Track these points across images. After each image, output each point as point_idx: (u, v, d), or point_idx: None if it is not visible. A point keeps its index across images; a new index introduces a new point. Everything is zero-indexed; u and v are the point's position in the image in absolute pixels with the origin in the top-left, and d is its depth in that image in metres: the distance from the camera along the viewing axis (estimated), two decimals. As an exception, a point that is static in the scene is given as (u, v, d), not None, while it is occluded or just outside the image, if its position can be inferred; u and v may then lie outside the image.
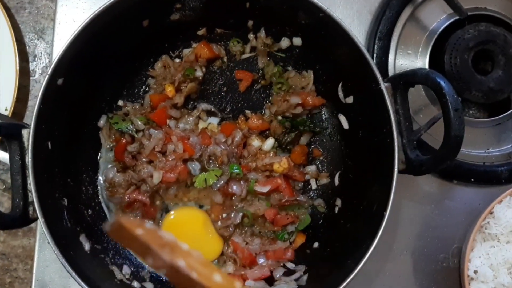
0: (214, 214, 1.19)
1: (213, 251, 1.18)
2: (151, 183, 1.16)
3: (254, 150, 1.18)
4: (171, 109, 1.20)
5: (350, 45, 1.03)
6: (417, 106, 1.24)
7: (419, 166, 1.01)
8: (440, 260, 1.22)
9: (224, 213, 1.18)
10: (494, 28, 1.23)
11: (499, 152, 1.26)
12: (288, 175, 1.18)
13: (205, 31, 1.21)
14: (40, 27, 1.40)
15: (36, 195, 0.98)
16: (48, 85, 1.01)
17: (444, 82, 0.95)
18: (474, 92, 1.21)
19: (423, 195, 1.24)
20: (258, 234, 1.18)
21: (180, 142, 1.17)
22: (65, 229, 1.06)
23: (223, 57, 1.23)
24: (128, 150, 1.17)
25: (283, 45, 1.20)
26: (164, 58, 1.22)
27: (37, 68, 1.39)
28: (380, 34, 1.24)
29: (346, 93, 1.14)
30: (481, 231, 1.14)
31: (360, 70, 1.04)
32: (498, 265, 1.12)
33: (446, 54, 1.23)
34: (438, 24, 1.27)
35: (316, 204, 1.21)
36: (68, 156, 1.12)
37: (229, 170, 1.16)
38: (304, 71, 1.21)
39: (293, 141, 1.20)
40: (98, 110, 1.20)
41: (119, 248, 1.17)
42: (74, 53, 1.02)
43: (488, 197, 1.20)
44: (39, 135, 1.01)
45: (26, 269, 1.34)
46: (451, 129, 0.93)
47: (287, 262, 1.16)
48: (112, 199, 1.18)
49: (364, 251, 0.98)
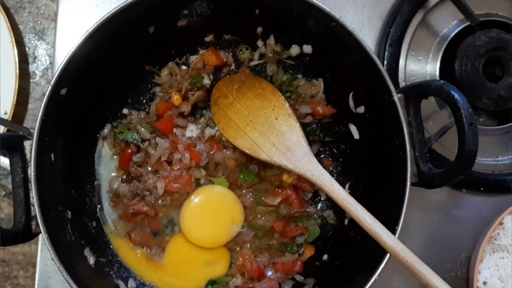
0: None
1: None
2: (156, 194, 1.14)
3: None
4: (178, 117, 1.18)
5: (363, 55, 1.01)
6: (426, 113, 1.23)
7: (432, 180, 1.00)
8: (448, 270, 1.22)
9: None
10: (505, 34, 1.22)
11: (509, 160, 1.25)
12: (298, 186, 1.17)
13: (213, 37, 1.19)
14: (41, 28, 1.36)
15: (39, 210, 0.95)
16: (51, 95, 0.98)
17: (458, 95, 0.93)
18: (485, 99, 1.21)
19: (431, 204, 1.23)
20: (267, 246, 1.17)
21: (187, 152, 1.15)
22: (69, 243, 1.04)
23: (231, 64, 1.21)
24: (133, 160, 1.15)
25: (293, 53, 1.18)
26: (170, 65, 1.19)
27: (37, 70, 1.35)
28: (390, 40, 1.22)
29: (357, 102, 1.12)
30: (491, 242, 1.14)
31: (372, 80, 1.02)
32: (507, 276, 1.12)
33: (457, 61, 1.22)
34: (449, 30, 1.25)
35: (325, 215, 1.19)
36: (71, 167, 1.10)
37: (242, 178, 1.15)
38: (314, 79, 1.19)
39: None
40: (102, 118, 1.17)
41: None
42: (77, 62, 0.99)
43: (497, 206, 1.20)
44: (42, 147, 0.98)
45: (27, 276, 1.32)
46: (465, 143, 0.92)
47: (295, 275, 1.15)
48: (116, 209, 1.16)
49: (375, 266, 0.97)
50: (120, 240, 1.15)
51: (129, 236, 1.15)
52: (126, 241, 1.15)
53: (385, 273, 1.17)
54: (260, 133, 1.10)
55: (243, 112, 1.12)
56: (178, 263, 1.15)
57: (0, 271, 1.32)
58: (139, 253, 1.15)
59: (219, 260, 1.16)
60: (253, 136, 1.10)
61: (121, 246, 1.15)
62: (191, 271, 1.15)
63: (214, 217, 1.16)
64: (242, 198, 1.16)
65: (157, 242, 1.16)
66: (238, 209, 1.16)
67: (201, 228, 1.16)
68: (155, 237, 1.17)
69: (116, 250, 1.15)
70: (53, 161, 1.02)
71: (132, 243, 1.15)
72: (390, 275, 1.21)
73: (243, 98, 1.13)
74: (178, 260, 1.15)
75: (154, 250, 1.15)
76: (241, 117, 1.12)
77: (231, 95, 1.14)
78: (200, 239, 1.16)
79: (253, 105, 1.12)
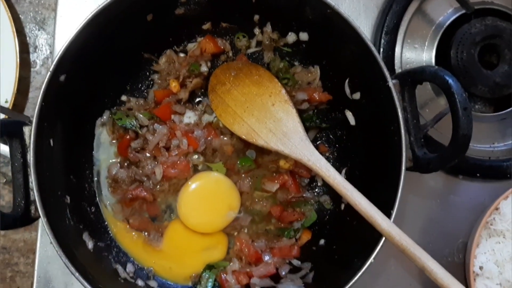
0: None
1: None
2: (154, 179, 1.15)
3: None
4: (176, 104, 1.19)
5: (358, 42, 1.02)
6: (422, 100, 1.24)
7: (427, 165, 1.01)
8: (445, 255, 1.22)
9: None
10: (501, 22, 1.22)
11: (505, 147, 1.25)
12: (294, 172, 1.18)
13: (210, 25, 1.19)
14: (41, 18, 1.37)
15: (38, 194, 0.96)
16: (50, 81, 0.98)
17: (453, 80, 0.94)
18: (480, 86, 1.21)
19: (428, 190, 1.24)
20: (264, 231, 1.18)
21: (185, 138, 1.16)
22: (68, 228, 1.05)
23: (228, 52, 1.21)
24: (132, 146, 1.16)
25: (290, 40, 1.18)
26: (168, 53, 1.20)
27: (38, 59, 1.37)
28: (387, 28, 1.23)
29: (353, 89, 1.12)
30: (487, 227, 1.14)
31: (367, 66, 1.03)
32: (503, 261, 1.12)
33: (453, 49, 1.22)
34: (445, 18, 1.26)
35: (322, 200, 1.20)
36: (70, 153, 1.11)
37: (239, 164, 1.16)
38: (311, 66, 1.20)
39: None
40: (101, 105, 1.18)
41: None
42: (76, 48, 1.00)
43: (494, 192, 1.20)
44: (41, 133, 0.99)
45: (27, 263, 1.34)
46: (459, 128, 0.92)
47: (293, 260, 1.15)
48: (114, 195, 1.17)
49: (371, 249, 0.98)
50: (118, 225, 1.16)
51: (127, 221, 1.16)
52: (125, 226, 1.16)
53: (382, 258, 1.19)
54: (257, 119, 1.11)
55: (240, 99, 1.13)
56: (176, 248, 1.16)
57: (1, 258, 1.33)
58: (135, 235, 1.16)
59: (217, 245, 1.17)
60: (250, 122, 1.11)
61: (120, 231, 1.16)
62: (189, 256, 1.16)
63: (211, 203, 1.17)
64: (239, 184, 1.17)
65: (156, 227, 1.17)
66: (234, 195, 1.17)
67: (198, 215, 1.17)
68: (154, 222, 1.18)
69: (115, 235, 1.16)
70: (52, 147, 1.03)
71: (130, 228, 1.16)
72: (386, 260, 1.21)
73: (240, 85, 1.14)
74: (176, 245, 1.16)
75: (152, 235, 1.16)
76: (238, 103, 1.13)
77: (228, 82, 1.15)
78: (197, 225, 1.17)
79: (250, 91, 1.13)
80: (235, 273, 1.13)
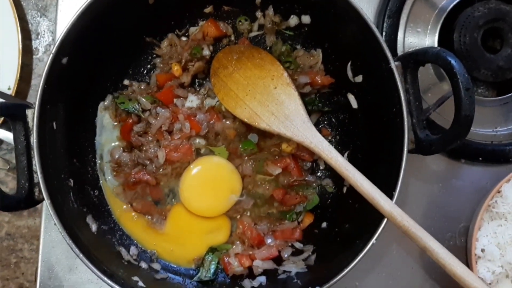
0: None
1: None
2: (157, 163, 1.16)
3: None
4: (178, 88, 1.19)
5: (360, 24, 1.02)
6: (425, 85, 1.23)
7: (429, 146, 1.01)
8: (447, 239, 1.23)
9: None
10: (504, 5, 1.21)
11: (507, 131, 1.25)
12: (297, 155, 1.18)
13: (212, 8, 1.19)
14: (43, 4, 1.38)
15: (42, 176, 0.97)
16: (52, 64, 0.99)
17: (455, 61, 0.93)
18: (483, 70, 1.21)
19: (430, 174, 1.24)
20: (267, 214, 1.19)
21: (187, 121, 1.16)
22: (72, 210, 1.06)
23: (231, 35, 1.21)
24: (134, 130, 1.17)
25: (292, 23, 1.18)
26: (170, 37, 1.20)
27: (40, 46, 1.37)
28: (389, 12, 1.23)
29: (355, 72, 1.12)
30: (489, 210, 1.14)
31: (369, 49, 1.03)
32: (505, 243, 1.12)
33: (456, 32, 1.21)
34: (448, 2, 1.25)
35: (324, 184, 1.21)
36: (73, 137, 1.11)
37: (242, 147, 1.17)
38: (313, 49, 1.20)
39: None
40: (103, 89, 1.18)
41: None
42: (78, 31, 1.01)
43: (496, 176, 1.20)
44: (44, 116, 1.00)
45: (31, 249, 1.35)
46: (461, 108, 0.92)
47: (295, 242, 1.16)
48: (117, 178, 1.17)
49: (373, 231, 0.98)
50: (121, 208, 1.17)
51: (131, 204, 1.16)
52: (128, 209, 1.17)
53: (384, 242, 1.20)
54: (259, 102, 1.11)
55: (242, 82, 1.13)
56: (179, 231, 1.17)
57: (5, 244, 1.35)
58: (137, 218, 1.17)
59: (220, 228, 1.17)
60: (252, 105, 1.11)
61: (123, 215, 1.16)
62: (192, 239, 1.17)
63: (213, 187, 1.18)
64: (242, 167, 1.18)
65: (159, 210, 1.18)
66: (236, 178, 1.17)
67: (200, 199, 1.17)
68: (157, 206, 1.18)
69: (118, 218, 1.16)
70: (55, 130, 1.04)
71: (133, 211, 1.16)
72: (388, 244, 1.22)
73: (242, 69, 1.14)
74: (179, 228, 1.17)
75: (155, 218, 1.17)
76: (241, 87, 1.13)
77: (230, 65, 1.15)
78: (200, 209, 1.17)
79: (252, 75, 1.13)
80: (238, 255, 1.13)
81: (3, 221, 1.34)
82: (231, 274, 1.13)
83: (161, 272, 1.12)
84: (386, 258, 1.22)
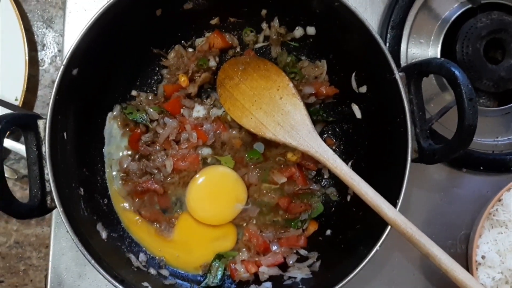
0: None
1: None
2: (165, 172, 1.17)
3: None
4: (185, 99, 1.21)
5: (365, 35, 1.03)
6: (428, 95, 1.25)
7: (432, 155, 1.02)
8: (448, 246, 1.24)
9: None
10: (507, 16, 1.23)
11: (508, 140, 1.26)
12: (301, 164, 1.20)
13: (218, 20, 1.21)
14: (48, 16, 1.39)
15: (54, 185, 0.98)
16: (63, 75, 1.00)
17: (459, 71, 0.94)
18: (485, 81, 1.22)
19: (432, 183, 1.26)
20: (272, 222, 1.20)
21: (194, 131, 1.18)
22: (82, 218, 1.07)
23: (236, 47, 1.23)
24: (142, 140, 1.18)
25: (297, 35, 1.20)
26: (177, 48, 1.22)
27: (46, 57, 1.38)
28: (393, 23, 1.24)
29: (360, 82, 1.14)
30: (489, 218, 1.16)
31: (374, 59, 1.04)
32: (505, 250, 1.14)
33: (458, 43, 1.23)
34: (451, 13, 1.27)
35: (328, 192, 1.22)
36: (82, 146, 1.13)
37: (248, 157, 1.18)
38: (318, 60, 1.22)
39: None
40: (112, 100, 1.20)
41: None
42: (88, 43, 1.02)
43: (496, 185, 1.22)
44: (56, 126, 1.01)
45: (40, 257, 1.36)
46: (464, 118, 0.93)
47: (300, 249, 1.18)
48: (125, 187, 1.19)
49: (376, 238, 1.00)
50: (130, 216, 1.18)
51: (139, 212, 1.18)
52: (136, 217, 1.18)
53: (386, 249, 1.20)
54: (265, 112, 1.13)
55: (248, 93, 1.15)
56: (187, 238, 1.19)
57: (14, 252, 1.35)
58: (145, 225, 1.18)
59: (226, 235, 1.19)
60: (258, 115, 1.13)
61: (131, 223, 1.18)
62: (199, 246, 1.19)
63: (218, 197, 1.19)
64: (248, 176, 1.19)
65: (167, 218, 1.19)
66: (241, 187, 1.19)
67: (206, 207, 1.19)
68: (165, 214, 1.20)
69: (127, 226, 1.18)
70: (66, 140, 1.05)
71: (142, 220, 1.18)
72: (390, 252, 1.23)
73: (248, 79, 1.16)
74: (187, 235, 1.19)
75: (163, 226, 1.18)
76: (247, 97, 1.15)
77: (236, 76, 1.17)
78: (206, 218, 1.19)
79: (258, 85, 1.15)
80: (244, 262, 1.15)
81: (12, 230, 1.35)
82: (237, 280, 1.14)
83: (169, 278, 1.14)
84: (388, 265, 1.23)
